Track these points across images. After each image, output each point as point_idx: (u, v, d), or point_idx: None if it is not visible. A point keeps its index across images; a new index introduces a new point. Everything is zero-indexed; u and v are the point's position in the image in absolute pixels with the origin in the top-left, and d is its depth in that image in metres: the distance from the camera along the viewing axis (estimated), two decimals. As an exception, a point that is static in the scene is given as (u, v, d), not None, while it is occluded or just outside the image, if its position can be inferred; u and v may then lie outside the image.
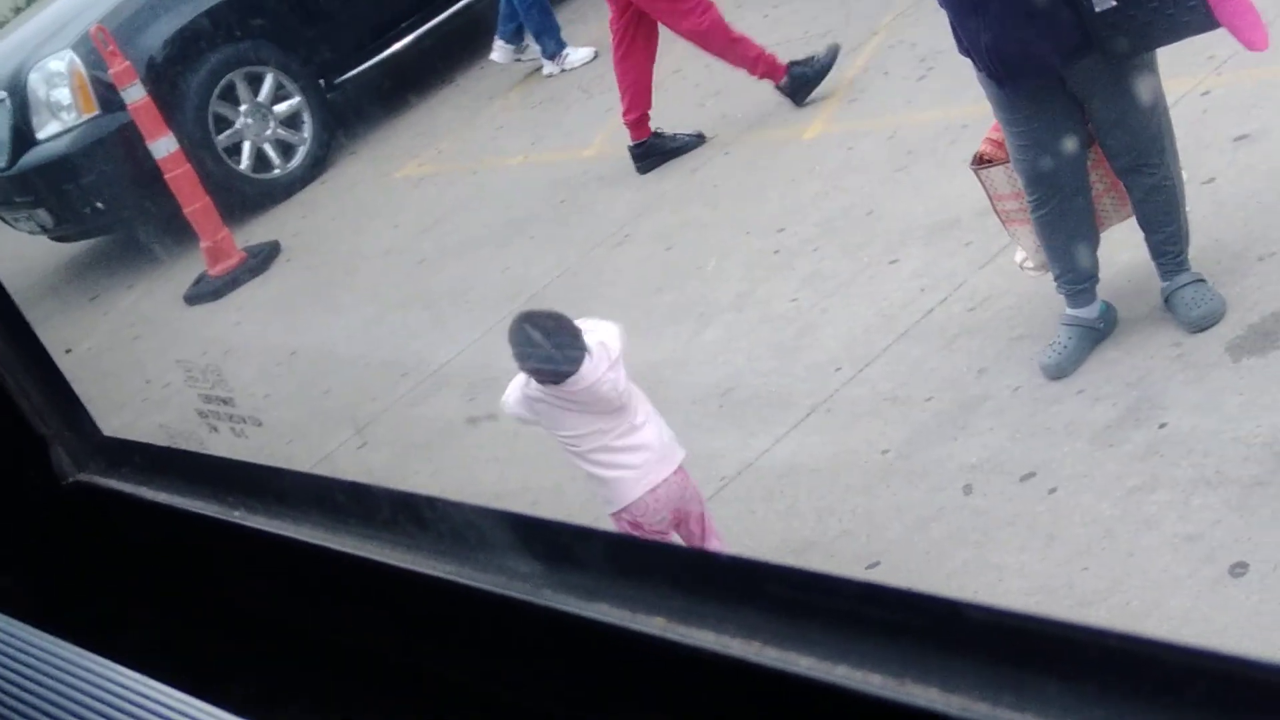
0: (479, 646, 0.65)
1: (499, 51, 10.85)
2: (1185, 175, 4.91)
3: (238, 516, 0.79)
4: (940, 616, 0.50)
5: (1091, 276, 4.91)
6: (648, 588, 0.57)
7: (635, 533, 4.46)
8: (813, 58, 7.93)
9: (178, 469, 0.90)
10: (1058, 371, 4.86)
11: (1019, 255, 5.18)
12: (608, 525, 4.69)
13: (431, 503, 0.71)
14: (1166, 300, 4.85)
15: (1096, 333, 4.91)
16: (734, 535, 4.94)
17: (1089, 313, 4.92)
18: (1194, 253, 4.91)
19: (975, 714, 0.45)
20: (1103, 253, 5.26)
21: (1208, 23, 4.37)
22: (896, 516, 4.66)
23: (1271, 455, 4.10)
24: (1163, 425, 4.43)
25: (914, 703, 0.46)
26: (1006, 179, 4.92)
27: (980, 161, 5.00)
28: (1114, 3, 4.37)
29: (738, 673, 0.52)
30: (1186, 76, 5.89)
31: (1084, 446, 4.52)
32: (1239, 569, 3.83)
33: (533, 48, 10.67)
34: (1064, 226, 4.81)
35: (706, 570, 0.58)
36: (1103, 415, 4.60)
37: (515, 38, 10.80)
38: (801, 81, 7.90)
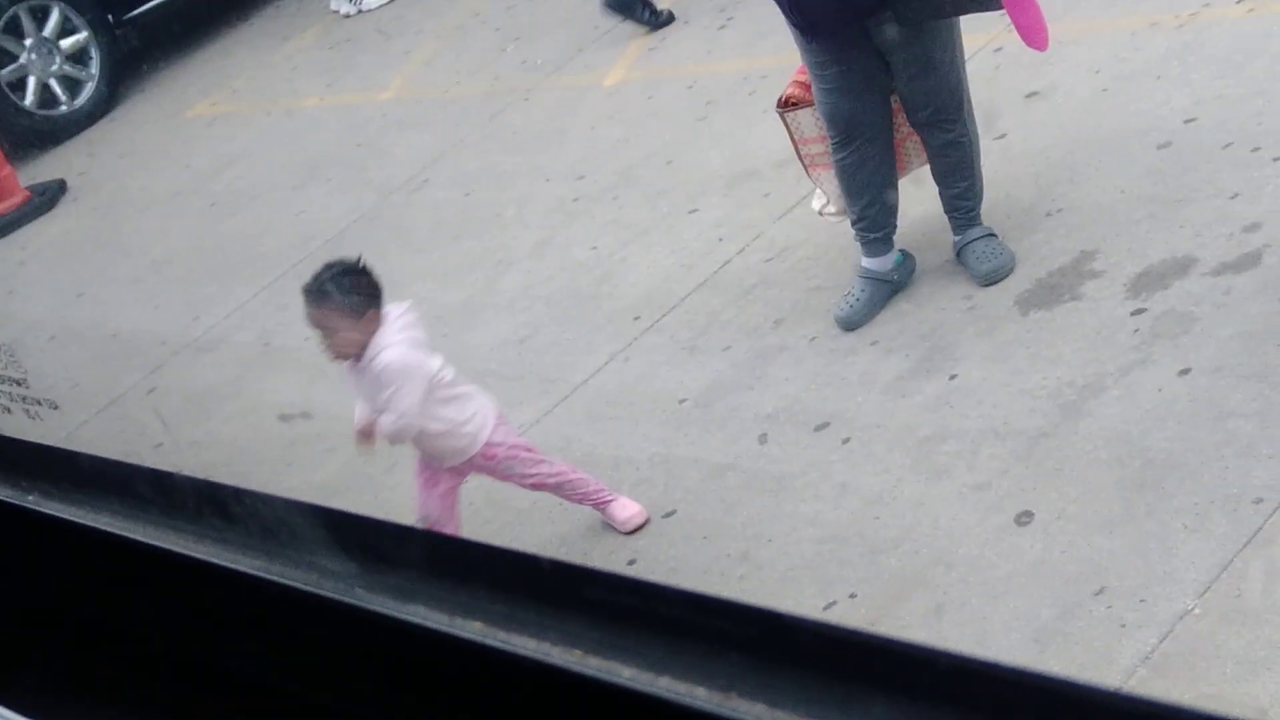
0: (288, 646, 0.63)
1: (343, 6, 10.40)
2: (979, 130, 5.00)
3: (31, 501, 0.76)
4: (768, 628, 0.49)
5: (889, 224, 4.99)
6: (466, 591, 0.56)
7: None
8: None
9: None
10: (850, 323, 4.93)
11: (817, 202, 5.23)
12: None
13: (239, 495, 0.69)
14: (959, 254, 4.94)
15: (890, 285, 4.99)
16: (532, 484, 4.94)
17: (883, 264, 4.99)
18: (986, 207, 5.00)
19: (801, 731, 0.45)
20: (900, 208, 5.34)
21: (991, 3, 4.53)
22: (693, 465, 4.70)
23: (1056, 407, 4.22)
24: (953, 377, 4.52)
25: (740, 718, 0.46)
26: (813, 122, 4.96)
27: (786, 104, 5.03)
28: None
29: (558, 682, 0.51)
30: (980, 33, 5.99)
31: (877, 397, 4.60)
32: (1024, 518, 3.93)
33: None
34: (864, 170, 4.87)
35: (528, 574, 0.57)
36: (895, 366, 4.68)
37: None
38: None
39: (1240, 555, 3.55)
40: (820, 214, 5.23)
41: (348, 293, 4.23)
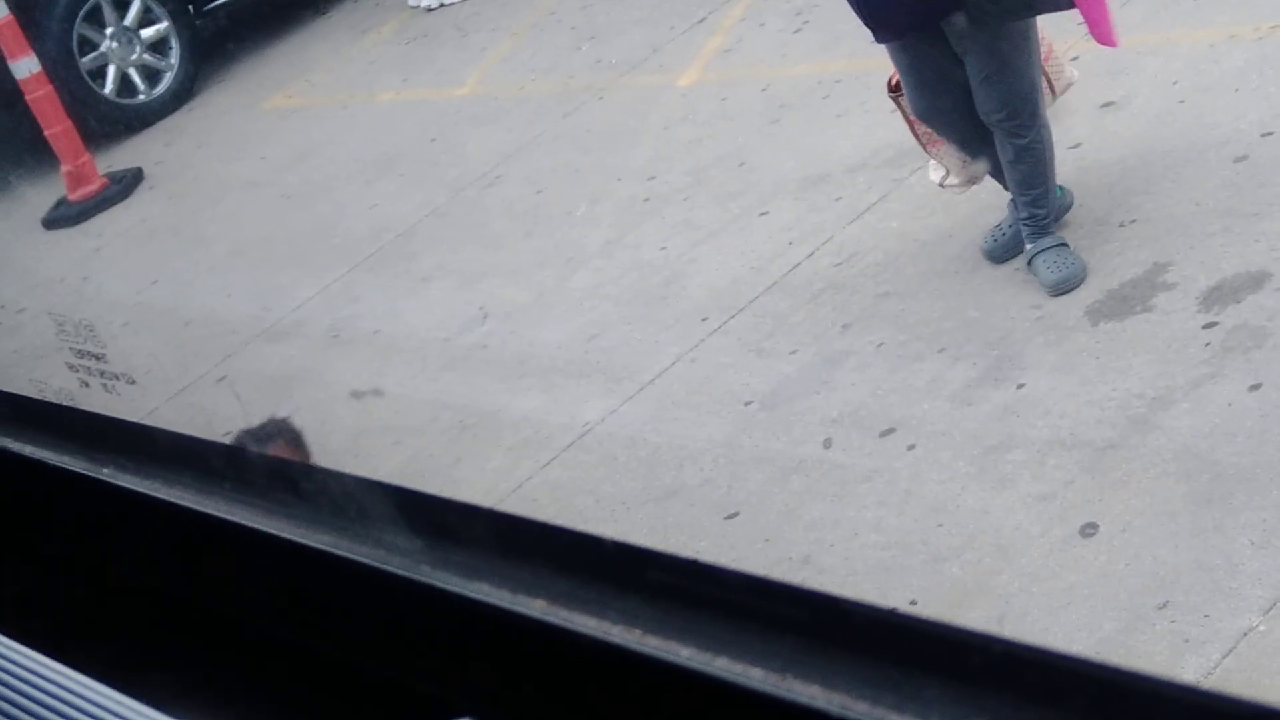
0: (355, 621, 0.65)
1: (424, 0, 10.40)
2: (1053, 139, 4.98)
3: (107, 475, 0.78)
4: (823, 612, 0.50)
5: None
6: (529, 569, 0.57)
7: None
8: None
9: (43, 422, 0.88)
10: (995, 256, 5.06)
11: (935, 174, 5.19)
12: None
13: (309, 471, 0.70)
14: (1029, 263, 4.92)
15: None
16: (596, 481, 4.96)
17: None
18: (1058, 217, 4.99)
19: (855, 713, 0.45)
20: (969, 215, 5.33)
21: (1063, 2, 4.55)
22: (757, 468, 4.70)
23: (1124, 419, 4.19)
24: (1021, 386, 4.50)
25: (794, 699, 0.46)
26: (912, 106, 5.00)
27: (896, 88, 5.04)
28: None
29: (618, 659, 0.52)
30: (1056, 41, 5.96)
31: (943, 404, 4.58)
32: (1089, 529, 3.91)
33: None
34: (971, 143, 4.94)
35: (590, 554, 0.58)
36: (963, 374, 4.66)
37: None
38: None
39: (1307, 573, 3.52)
40: (942, 185, 5.20)
41: None
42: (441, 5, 10.22)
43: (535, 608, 0.56)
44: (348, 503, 0.65)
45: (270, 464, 0.68)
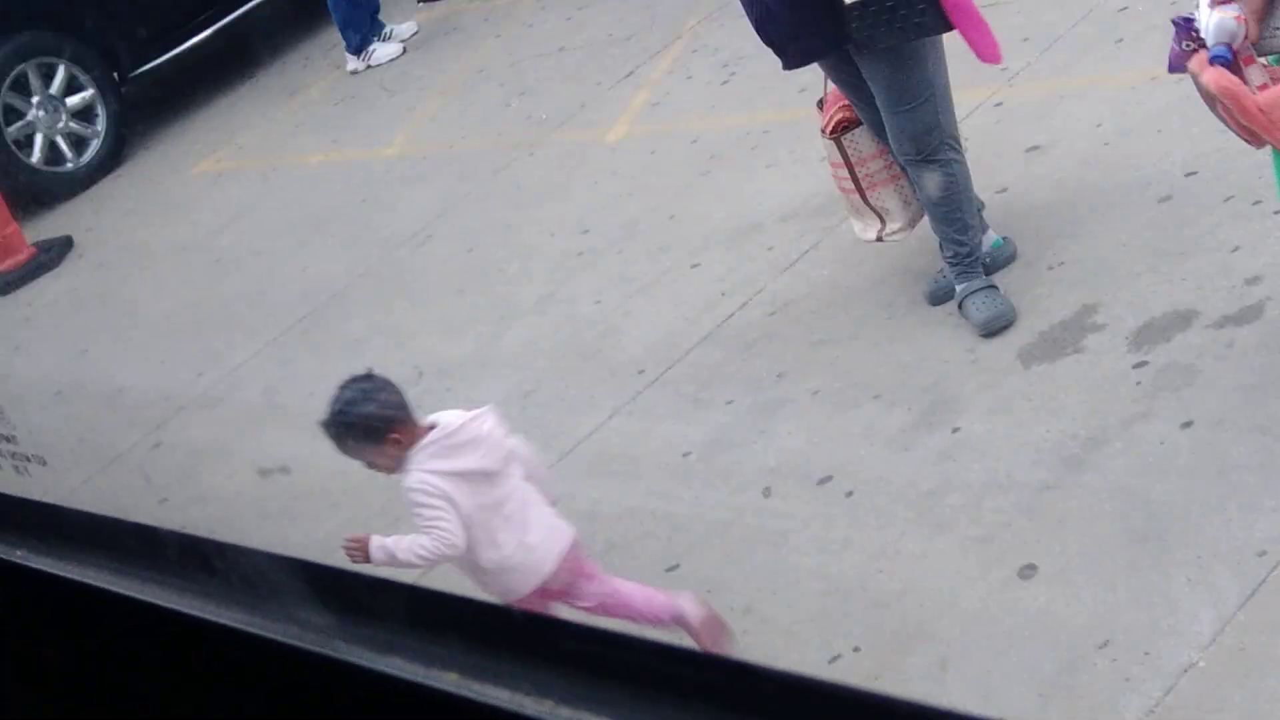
0: (270, 698, 0.64)
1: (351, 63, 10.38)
2: (979, 185, 5.03)
3: (19, 557, 0.76)
4: (735, 678, 0.50)
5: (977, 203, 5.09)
6: (441, 642, 0.56)
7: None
8: None
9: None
10: (935, 299, 5.08)
11: (868, 231, 5.20)
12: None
13: (221, 549, 0.69)
14: (960, 305, 4.95)
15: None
16: (536, 539, 4.94)
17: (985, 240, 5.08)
18: (988, 261, 5.02)
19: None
20: (900, 261, 5.37)
21: (941, 25, 4.64)
22: (697, 519, 4.70)
23: (1059, 460, 4.21)
24: (956, 430, 4.52)
25: (709, 768, 0.46)
26: (869, 137, 5.03)
27: (839, 129, 5.08)
28: None
29: (532, 732, 0.51)
30: (981, 87, 6.02)
31: (880, 450, 4.60)
32: (1028, 571, 3.92)
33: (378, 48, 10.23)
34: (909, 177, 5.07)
35: (502, 626, 0.57)
36: (898, 419, 4.68)
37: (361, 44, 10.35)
38: None
39: (1244, 608, 3.54)
40: (881, 240, 5.21)
41: (362, 419, 3.97)
42: (369, 68, 10.21)
43: (448, 681, 0.55)
44: (259, 579, 0.64)
45: (182, 541, 0.67)
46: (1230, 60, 3.50)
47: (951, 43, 4.81)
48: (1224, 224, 4.79)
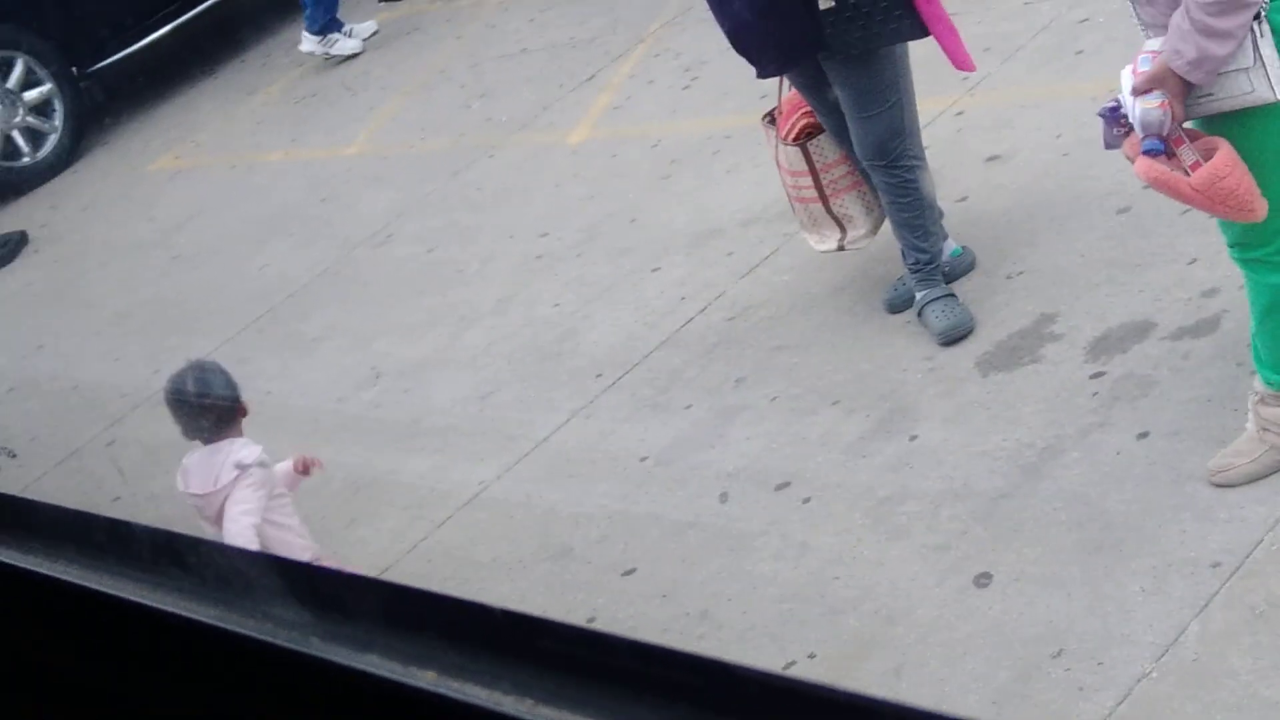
0: (245, 696, 0.63)
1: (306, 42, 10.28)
2: (939, 194, 5.04)
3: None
4: (714, 679, 0.50)
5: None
6: (420, 640, 0.56)
7: None
8: None
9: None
10: (894, 306, 5.10)
11: (824, 243, 5.20)
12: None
13: (196, 545, 0.69)
14: (919, 313, 4.97)
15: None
16: (492, 540, 4.94)
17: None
18: (947, 269, 5.04)
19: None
20: (859, 268, 5.38)
21: (917, 31, 4.68)
22: (654, 523, 4.70)
23: (1016, 469, 4.23)
24: (914, 438, 4.54)
25: (689, 768, 0.46)
26: (833, 144, 5.04)
27: (802, 135, 5.10)
28: (833, 3, 4.58)
29: (511, 731, 0.51)
30: (942, 96, 6.04)
31: (838, 457, 4.61)
32: (983, 579, 3.94)
33: (337, 38, 10.12)
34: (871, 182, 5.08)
35: (480, 624, 0.57)
36: (856, 427, 4.69)
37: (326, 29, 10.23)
38: None
39: (1197, 619, 3.56)
40: (842, 248, 5.21)
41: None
42: (328, 57, 10.11)
43: (426, 680, 0.55)
44: (234, 575, 0.64)
45: (155, 537, 0.67)
46: (1162, 151, 3.54)
47: (915, 51, 4.83)
48: (1182, 236, 4.82)
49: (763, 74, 5.00)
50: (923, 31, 4.67)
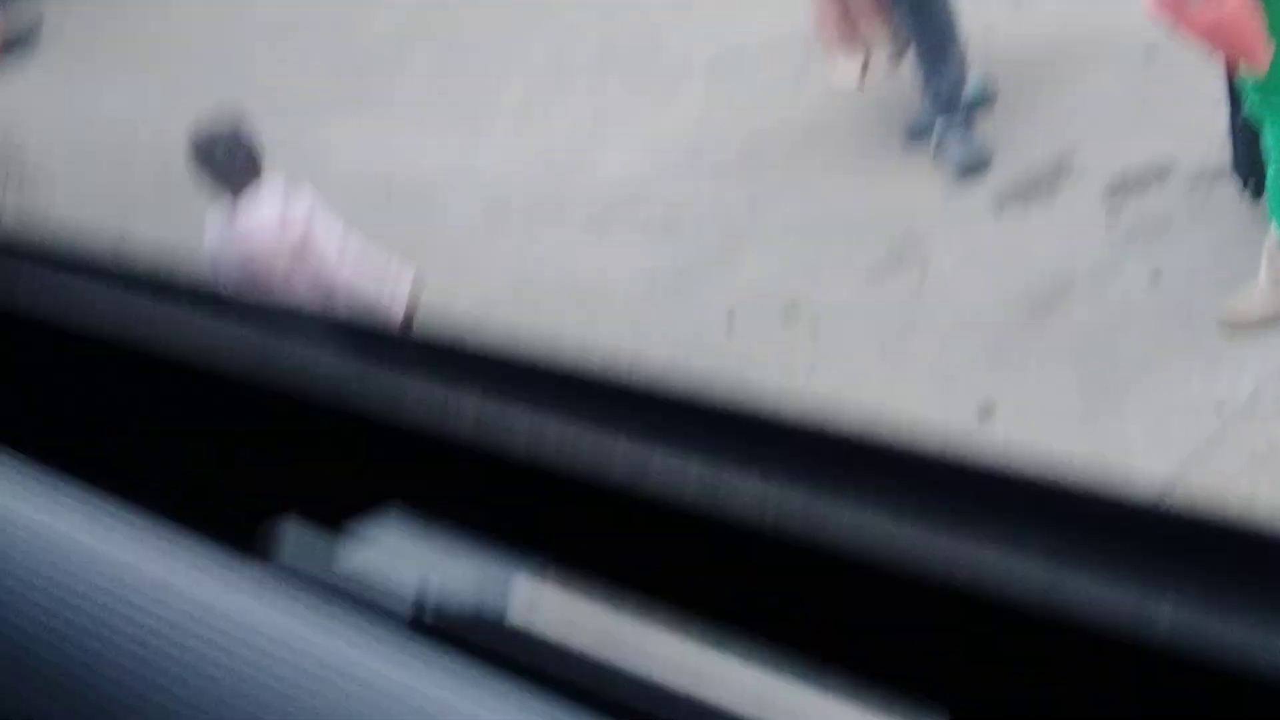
0: (277, 440, 0.64)
1: None
2: (966, 24, 4.99)
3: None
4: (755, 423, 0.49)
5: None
6: (458, 389, 0.56)
7: None
8: None
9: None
10: (913, 133, 5.06)
11: (847, 76, 5.15)
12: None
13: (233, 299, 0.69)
14: (938, 143, 4.93)
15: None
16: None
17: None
18: (968, 100, 5.00)
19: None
20: (881, 98, 5.33)
21: None
22: (662, 342, 4.71)
23: (1026, 303, 4.23)
24: (926, 269, 4.53)
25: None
26: None
27: None
28: None
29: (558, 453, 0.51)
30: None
31: (849, 285, 4.61)
32: (987, 411, 3.96)
33: None
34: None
35: (514, 370, 0.57)
36: (869, 255, 4.68)
37: None
38: None
39: (1198, 459, 3.59)
40: (863, 78, 5.14)
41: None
42: None
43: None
44: (270, 325, 0.64)
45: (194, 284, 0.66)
46: None
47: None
48: (1207, 78, 4.76)
49: None
50: None
